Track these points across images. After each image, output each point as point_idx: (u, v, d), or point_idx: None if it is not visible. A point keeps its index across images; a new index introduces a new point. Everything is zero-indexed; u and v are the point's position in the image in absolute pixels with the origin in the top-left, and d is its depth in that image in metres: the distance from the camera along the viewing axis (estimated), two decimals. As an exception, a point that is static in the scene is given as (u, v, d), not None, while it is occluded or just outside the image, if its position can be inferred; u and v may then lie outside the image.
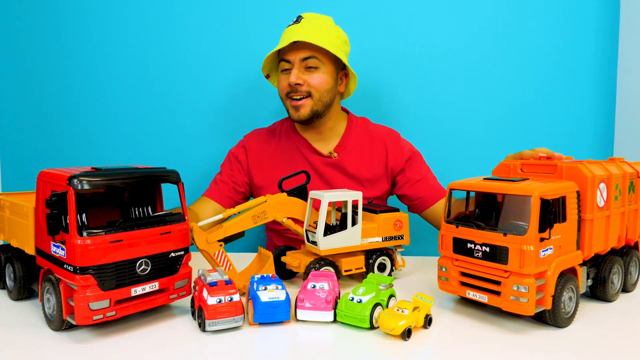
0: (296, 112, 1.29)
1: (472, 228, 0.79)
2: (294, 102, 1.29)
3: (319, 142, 1.39)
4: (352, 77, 1.35)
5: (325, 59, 1.28)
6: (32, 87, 1.68)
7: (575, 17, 1.62)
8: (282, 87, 1.31)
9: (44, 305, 0.77)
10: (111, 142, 1.68)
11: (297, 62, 1.27)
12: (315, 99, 1.28)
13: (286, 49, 1.27)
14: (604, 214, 0.85)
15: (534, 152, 1.00)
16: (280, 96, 1.33)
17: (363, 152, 1.38)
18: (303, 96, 1.28)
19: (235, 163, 1.41)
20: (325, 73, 1.29)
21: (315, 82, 1.28)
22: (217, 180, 1.40)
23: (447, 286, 0.84)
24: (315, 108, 1.29)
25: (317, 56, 1.26)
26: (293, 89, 1.28)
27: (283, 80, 1.30)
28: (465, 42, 1.63)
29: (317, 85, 1.28)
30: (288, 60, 1.28)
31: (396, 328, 0.71)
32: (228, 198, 1.38)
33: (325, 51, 1.27)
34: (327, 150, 1.38)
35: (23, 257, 0.88)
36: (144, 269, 0.75)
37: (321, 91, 1.29)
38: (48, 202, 0.69)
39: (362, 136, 1.40)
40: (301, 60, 1.26)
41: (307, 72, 1.28)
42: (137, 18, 1.64)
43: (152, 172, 0.80)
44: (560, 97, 1.65)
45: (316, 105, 1.29)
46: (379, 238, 1.00)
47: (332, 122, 1.38)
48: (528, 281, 0.72)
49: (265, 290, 0.79)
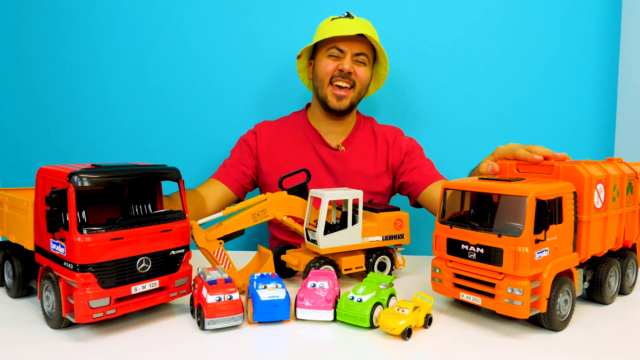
0: (338, 101, 1.33)
1: (467, 229, 0.78)
2: (338, 91, 1.33)
3: (330, 135, 1.43)
4: (376, 81, 1.46)
5: (370, 59, 1.37)
6: (31, 83, 1.67)
7: (577, 16, 1.62)
8: (327, 71, 1.33)
9: (43, 303, 0.76)
10: (111, 139, 1.67)
11: (350, 53, 1.32)
12: (356, 91, 1.35)
13: (341, 38, 1.31)
14: (601, 216, 0.84)
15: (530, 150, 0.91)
16: (322, 78, 1.35)
17: (368, 149, 1.43)
18: (349, 85, 1.33)
19: (245, 147, 1.43)
20: (367, 71, 1.37)
21: (363, 76, 1.35)
22: (227, 164, 1.43)
23: (441, 288, 0.84)
24: (354, 100, 1.36)
25: (367, 54, 1.35)
26: (342, 75, 1.32)
27: (330, 64, 1.33)
28: (465, 41, 1.63)
29: (363, 79, 1.35)
30: (341, 49, 1.32)
31: (396, 327, 0.71)
32: (236, 182, 1.40)
33: (370, 52, 1.36)
34: (336, 144, 1.42)
35: (22, 254, 0.87)
36: (144, 266, 0.75)
37: (363, 85, 1.37)
38: (48, 199, 0.68)
39: (368, 134, 1.45)
40: (355, 54, 1.32)
41: (356, 65, 1.34)
42: (137, 13, 1.63)
43: (152, 170, 0.80)
44: (561, 96, 1.65)
45: (355, 97, 1.36)
46: (379, 237, 1.00)
47: (351, 118, 1.44)
48: (523, 284, 0.71)
49: (265, 288, 0.79)
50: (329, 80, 1.33)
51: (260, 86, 1.66)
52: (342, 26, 1.30)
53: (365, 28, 1.31)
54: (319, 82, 1.36)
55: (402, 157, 1.43)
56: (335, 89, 1.32)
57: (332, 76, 1.33)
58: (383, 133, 1.45)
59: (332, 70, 1.32)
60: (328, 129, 1.42)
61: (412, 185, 1.41)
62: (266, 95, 1.66)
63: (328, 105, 1.35)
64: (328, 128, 1.42)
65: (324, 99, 1.35)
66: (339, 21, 1.32)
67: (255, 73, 1.65)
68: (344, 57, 1.32)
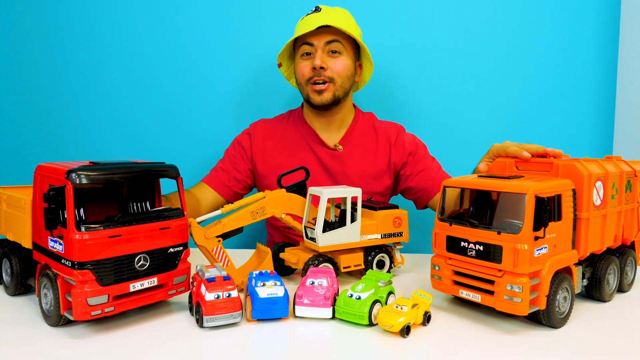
0: (319, 95, 1.29)
1: (466, 226, 0.78)
2: (316, 87, 1.28)
3: (326, 133, 1.39)
4: (367, 69, 1.38)
5: (348, 45, 1.30)
6: (29, 80, 1.66)
7: (576, 15, 1.62)
8: (303, 73, 1.30)
9: (41, 300, 0.76)
10: (109, 137, 1.67)
11: (320, 45, 1.27)
12: (337, 84, 1.29)
13: (309, 33, 1.27)
14: (600, 213, 0.84)
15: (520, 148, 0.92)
16: (300, 82, 1.33)
17: (367, 147, 1.39)
18: (325, 81, 1.28)
19: (239, 150, 1.40)
20: (347, 59, 1.30)
21: (339, 68, 1.29)
22: (218, 168, 1.40)
23: (441, 285, 0.84)
24: (337, 94, 1.30)
25: (340, 41, 1.28)
26: (316, 74, 1.27)
27: (304, 66, 1.30)
28: (465, 40, 1.63)
29: (340, 71, 1.29)
30: (311, 43, 1.28)
31: (395, 325, 0.71)
32: (226, 187, 1.37)
33: (347, 38, 1.29)
34: (333, 143, 1.38)
35: (20, 252, 0.87)
36: (142, 264, 0.75)
37: (343, 77, 1.30)
38: (46, 197, 0.68)
39: (367, 131, 1.41)
40: (325, 44, 1.27)
41: (331, 57, 1.28)
42: (136, 11, 1.63)
43: (150, 167, 0.79)
44: (561, 95, 1.65)
45: (338, 90, 1.30)
46: (378, 235, 1.00)
47: (344, 113, 1.39)
48: (522, 281, 0.71)
49: (263, 286, 0.79)
50: (305, 82, 1.30)
51: (258, 84, 1.65)
52: (307, 22, 1.28)
53: (329, 18, 1.26)
54: (300, 86, 1.34)
55: (405, 157, 1.38)
56: (314, 86, 1.29)
57: (309, 77, 1.29)
58: (385, 130, 1.41)
59: (307, 71, 1.29)
60: (322, 127, 1.39)
61: (421, 191, 1.36)
62: (264, 93, 1.65)
63: (312, 103, 1.31)
64: (322, 126, 1.39)
65: (307, 99, 1.33)
66: (306, 18, 1.30)
67: (253, 71, 1.64)
68: (316, 52, 1.27)
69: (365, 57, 1.37)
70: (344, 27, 1.25)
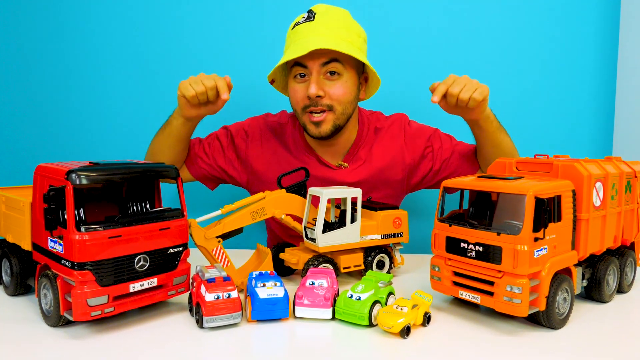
0: (317, 128, 1.14)
1: (466, 227, 0.78)
2: (313, 117, 1.13)
3: (328, 154, 1.27)
4: (372, 82, 1.22)
5: (348, 62, 1.12)
6: (29, 80, 1.66)
7: (575, 15, 1.62)
8: (297, 99, 1.14)
9: (41, 301, 0.76)
10: (109, 137, 1.67)
11: (316, 68, 1.10)
12: (337, 112, 1.13)
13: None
14: (600, 214, 0.85)
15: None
16: (295, 109, 1.18)
17: (374, 156, 1.28)
18: (323, 110, 1.12)
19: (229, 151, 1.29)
20: (348, 81, 1.13)
21: (338, 94, 1.12)
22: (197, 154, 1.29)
23: (440, 286, 0.84)
24: (338, 122, 1.15)
25: (339, 59, 1.10)
26: (312, 102, 1.12)
27: (298, 91, 1.13)
28: (465, 40, 1.63)
29: (340, 97, 1.12)
30: (305, 65, 1.10)
31: (395, 326, 0.71)
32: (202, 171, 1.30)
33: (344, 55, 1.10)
34: (337, 161, 1.27)
35: (19, 252, 0.87)
36: (142, 264, 0.75)
37: (344, 104, 1.14)
38: (46, 197, 0.68)
39: (372, 140, 1.29)
40: (321, 66, 1.10)
41: (328, 81, 1.12)
42: (136, 11, 1.63)
43: (150, 168, 0.80)
44: (560, 95, 1.65)
45: (338, 119, 1.14)
46: (378, 235, 1.00)
47: (349, 133, 1.25)
48: (522, 282, 0.71)
49: (263, 287, 0.78)
50: (301, 110, 1.15)
51: (259, 85, 1.65)
52: (299, 36, 1.11)
53: (324, 35, 1.08)
54: (294, 112, 1.19)
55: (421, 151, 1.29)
56: (311, 116, 1.13)
57: (304, 106, 1.13)
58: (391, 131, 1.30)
59: (301, 98, 1.13)
60: (324, 149, 1.26)
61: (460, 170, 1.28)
62: (264, 93, 1.65)
63: (310, 134, 1.18)
64: (323, 148, 1.26)
65: (304, 127, 1.18)
66: (299, 29, 1.12)
67: (253, 71, 1.64)
68: (310, 75, 1.10)
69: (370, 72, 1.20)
70: (342, 46, 1.07)
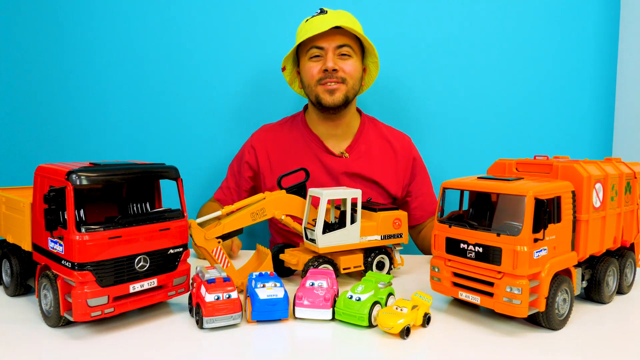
0: (331, 95, 1.28)
1: (465, 228, 0.78)
2: (328, 86, 1.28)
3: (332, 140, 1.38)
4: (371, 72, 1.39)
5: (356, 49, 1.31)
6: (29, 81, 1.66)
7: (575, 16, 1.62)
8: (312, 74, 1.29)
9: (41, 301, 0.76)
10: (110, 137, 1.67)
11: (331, 49, 1.27)
12: (349, 85, 1.30)
13: (318, 36, 1.26)
14: (599, 215, 0.85)
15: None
16: (308, 83, 1.31)
17: (374, 155, 1.38)
18: (338, 81, 1.28)
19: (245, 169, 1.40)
20: (356, 62, 1.31)
21: (350, 69, 1.29)
22: (224, 187, 1.43)
23: (440, 287, 0.84)
24: (349, 95, 1.30)
25: (350, 45, 1.29)
26: (327, 75, 1.27)
27: (313, 67, 1.29)
28: (464, 41, 1.63)
29: (351, 72, 1.29)
30: (321, 47, 1.27)
31: (395, 326, 0.71)
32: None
33: (355, 42, 1.30)
34: (339, 150, 1.38)
35: (19, 253, 0.87)
36: (142, 265, 0.75)
37: (354, 79, 1.31)
38: (46, 198, 0.68)
39: (374, 138, 1.40)
40: (336, 48, 1.27)
41: (341, 59, 1.29)
42: (137, 12, 1.63)
43: (150, 168, 0.79)
44: (560, 96, 1.65)
45: (349, 92, 1.30)
46: (378, 236, 1.00)
47: (350, 117, 1.39)
48: (521, 282, 0.71)
49: (263, 287, 0.79)
50: (315, 83, 1.29)
51: (259, 86, 1.65)
52: (316, 24, 1.26)
53: (340, 19, 1.26)
54: (307, 88, 1.32)
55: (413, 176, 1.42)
56: (326, 85, 1.28)
57: (319, 78, 1.28)
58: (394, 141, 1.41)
59: (317, 72, 1.28)
60: (328, 132, 1.37)
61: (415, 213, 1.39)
62: (265, 95, 1.65)
63: (322, 104, 1.29)
64: (328, 131, 1.37)
65: (317, 99, 1.30)
66: (313, 20, 1.28)
67: (254, 73, 1.64)
68: (326, 55, 1.27)
69: (371, 61, 1.37)
70: (356, 29, 1.26)
